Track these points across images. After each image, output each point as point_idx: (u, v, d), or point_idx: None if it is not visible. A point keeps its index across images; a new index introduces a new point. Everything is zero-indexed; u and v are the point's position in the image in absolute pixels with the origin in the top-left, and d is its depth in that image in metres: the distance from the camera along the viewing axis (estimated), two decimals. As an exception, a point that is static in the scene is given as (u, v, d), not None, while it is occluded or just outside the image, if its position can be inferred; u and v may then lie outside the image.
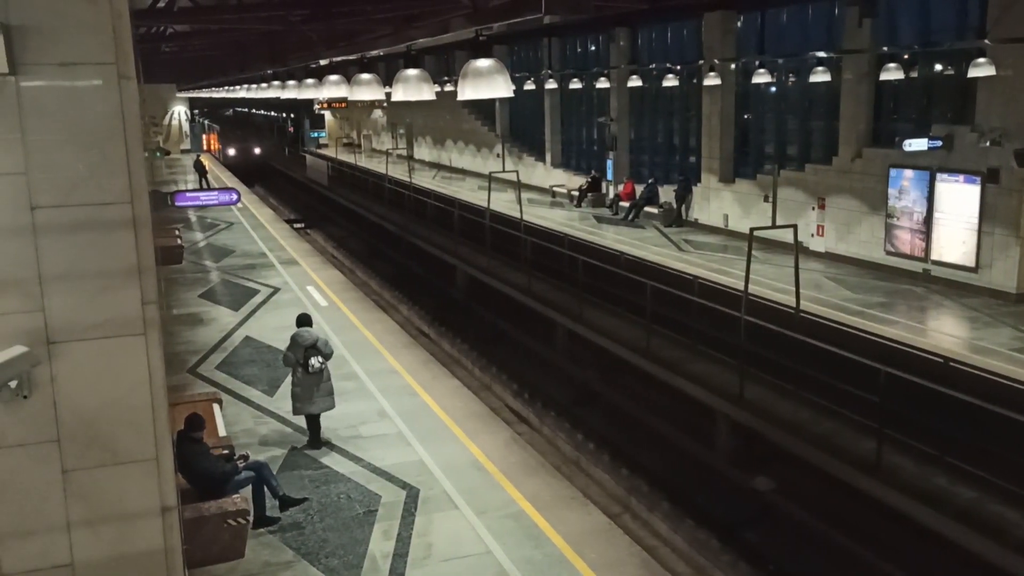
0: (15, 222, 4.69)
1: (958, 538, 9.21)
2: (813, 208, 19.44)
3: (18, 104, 4.61)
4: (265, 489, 8.95)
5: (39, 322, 4.79)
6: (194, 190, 30.02)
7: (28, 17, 4.53)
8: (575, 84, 28.27)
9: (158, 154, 47.13)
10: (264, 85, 25.09)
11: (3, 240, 4.69)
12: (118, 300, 4.91)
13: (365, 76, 11.31)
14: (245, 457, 9.09)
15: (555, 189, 30.21)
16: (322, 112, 58.26)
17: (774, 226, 16.70)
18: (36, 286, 4.76)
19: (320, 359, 10.53)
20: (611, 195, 27.21)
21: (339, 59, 17.91)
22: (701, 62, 22.76)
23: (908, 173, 16.98)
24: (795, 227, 13.77)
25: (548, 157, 32.15)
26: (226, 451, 9.37)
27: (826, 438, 10.98)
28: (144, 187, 4.96)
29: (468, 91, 7.84)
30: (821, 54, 19.21)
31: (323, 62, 17.82)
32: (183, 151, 55.51)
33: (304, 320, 10.99)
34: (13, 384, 4.56)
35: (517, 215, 20.99)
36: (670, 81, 23.07)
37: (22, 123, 4.63)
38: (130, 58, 4.80)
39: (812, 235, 19.35)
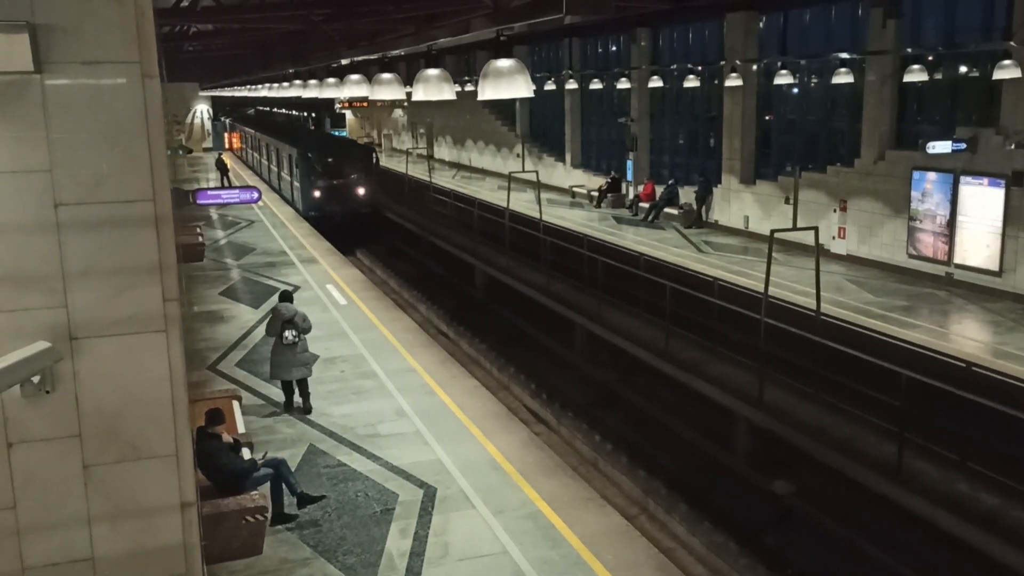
0: (39, 219, 4.73)
1: (980, 544, 9.12)
2: (835, 210, 19.30)
3: (43, 102, 4.65)
4: (283, 486, 8.99)
5: (62, 318, 4.83)
6: (216, 188, 30.19)
7: (53, 16, 4.57)
8: (596, 84, 28.21)
9: (180, 152, 47.59)
10: (286, 84, 25.19)
11: (27, 236, 4.73)
12: (140, 297, 4.94)
13: (386, 75, 11.34)
14: (264, 454, 9.14)
15: (575, 189, 30.17)
16: (343, 111, 58.55)
17: (795, 228, 16.60)
18: (59, 282, 4.80)
19: (294, 332, 11.48)
20: (631, 196, 27.14)
21: (360, 59, 17.98)
22: (723, 63, 22.65)
23: (931, 175, 16.81)
24: (816, 229, 13.68)
25: (568, 157, 32.10)
26: (240, 434, 9.49)
27: (846, 442, 10.90)
28: (166, 185, 4.99)
29: (488, 91, 7.84)
30: (844, 55, 19.05)
31: (344, 61, 17.91)
32: (205, 149, 56.01)
33: (285, 296, 12.09)
34: (36, 379, 4.60)
35: (537, 215, 20.98)
36: (691, 82, 22.95)
37: (47, 121, 4.67)
38: (154, 57, 4.83)
39: (833, 237, 19.22)
